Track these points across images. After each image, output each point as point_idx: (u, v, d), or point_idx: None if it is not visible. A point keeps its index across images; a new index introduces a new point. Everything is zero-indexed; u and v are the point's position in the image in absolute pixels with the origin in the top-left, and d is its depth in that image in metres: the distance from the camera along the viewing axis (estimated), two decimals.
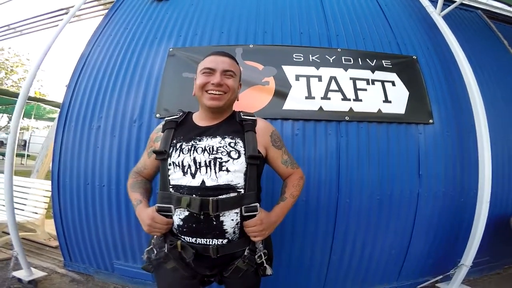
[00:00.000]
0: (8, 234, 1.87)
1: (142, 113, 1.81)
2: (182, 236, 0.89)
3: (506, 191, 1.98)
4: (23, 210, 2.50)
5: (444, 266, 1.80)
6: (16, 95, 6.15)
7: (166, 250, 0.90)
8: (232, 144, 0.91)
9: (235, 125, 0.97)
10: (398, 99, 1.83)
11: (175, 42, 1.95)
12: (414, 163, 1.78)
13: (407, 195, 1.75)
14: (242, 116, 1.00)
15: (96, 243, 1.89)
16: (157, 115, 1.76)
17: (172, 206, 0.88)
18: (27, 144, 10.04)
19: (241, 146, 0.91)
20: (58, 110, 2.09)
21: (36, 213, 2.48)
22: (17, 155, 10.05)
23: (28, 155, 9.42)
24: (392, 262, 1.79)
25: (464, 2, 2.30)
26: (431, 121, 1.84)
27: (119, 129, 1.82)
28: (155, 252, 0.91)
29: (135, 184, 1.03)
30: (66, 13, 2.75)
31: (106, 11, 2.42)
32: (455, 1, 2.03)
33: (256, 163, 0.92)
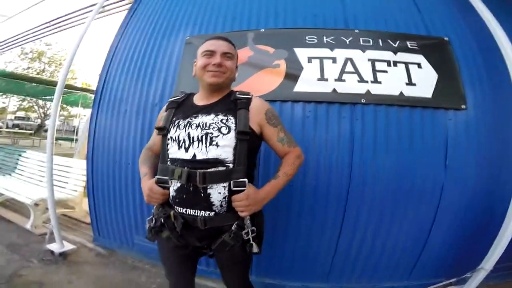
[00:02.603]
0: None
1: (162, 97, 1.93)
2: (176, 207, 0.96)
3: None
4: (64, 188, 2.74)
5: (463, 268, 1.60)
6: (68, 87, 6.96)
7: (162, 220, 0.97)
8: (224, 121, 0.95)
9: (230, 103, 1.02)
10: (424, 81, 1.68)
11: (192, 31, 2.02)
12: (440, 152, 1.62)
13: (430, 187, 1.61)
14: (237, 95, 1.03)
15: (120, 219, 2.06)
16: None
17: (168, 177, 0.95)
18: (75, 130, 11.40)
19: (232, 123, 0.95)
20: None
21: (76, 190, 2.71)
22: (68, 139, 11.34)
23: (77, 140, 10.75)
24: (405, 259, 1.68)
25: None
26: (463, 106, 1.66)
27: (142, 112, 1.97)
28: (154, 221, 0.99)
29: (145, 159, 1.14)
30: None
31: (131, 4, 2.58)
32: None
33: (246, 139, 0.94)
